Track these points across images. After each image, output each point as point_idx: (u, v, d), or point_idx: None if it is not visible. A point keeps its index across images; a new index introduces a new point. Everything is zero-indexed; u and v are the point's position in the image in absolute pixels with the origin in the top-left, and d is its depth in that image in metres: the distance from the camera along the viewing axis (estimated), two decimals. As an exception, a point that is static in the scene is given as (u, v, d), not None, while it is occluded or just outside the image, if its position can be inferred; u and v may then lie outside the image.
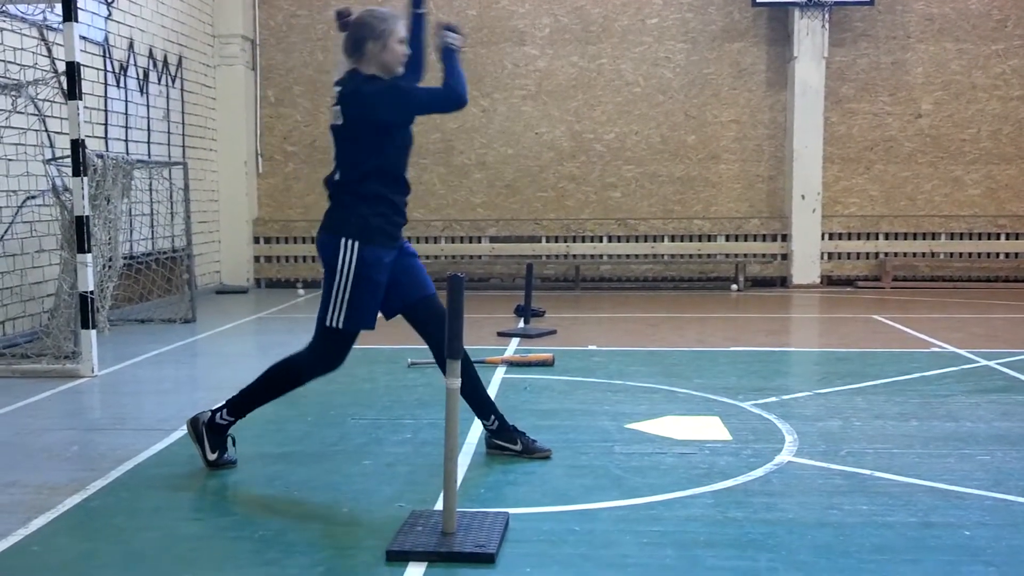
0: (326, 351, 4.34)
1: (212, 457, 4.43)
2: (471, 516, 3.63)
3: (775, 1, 12.27)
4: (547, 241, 13.04)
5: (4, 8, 7.59)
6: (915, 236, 12.78)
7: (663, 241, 12.96)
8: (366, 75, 4.28)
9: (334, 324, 4.24)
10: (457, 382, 3.47)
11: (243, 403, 4.45)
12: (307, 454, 4.73)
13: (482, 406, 4.58)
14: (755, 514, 3.83)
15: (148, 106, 10.81)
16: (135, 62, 10.49)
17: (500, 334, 8.42)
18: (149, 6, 10.82)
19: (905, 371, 6.72)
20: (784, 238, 12.82)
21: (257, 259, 13.16)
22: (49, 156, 8.16)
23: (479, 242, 13.05)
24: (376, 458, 4.64)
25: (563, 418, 5.43)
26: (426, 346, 4.50)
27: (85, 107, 7.70)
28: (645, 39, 12.80)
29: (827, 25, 12.27)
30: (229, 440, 4.50)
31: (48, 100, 7.92)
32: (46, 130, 8.24)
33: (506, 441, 4.62)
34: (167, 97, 11.31)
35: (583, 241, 13.02)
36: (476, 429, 5.10)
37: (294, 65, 13.02)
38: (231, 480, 4.38)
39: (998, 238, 12.72)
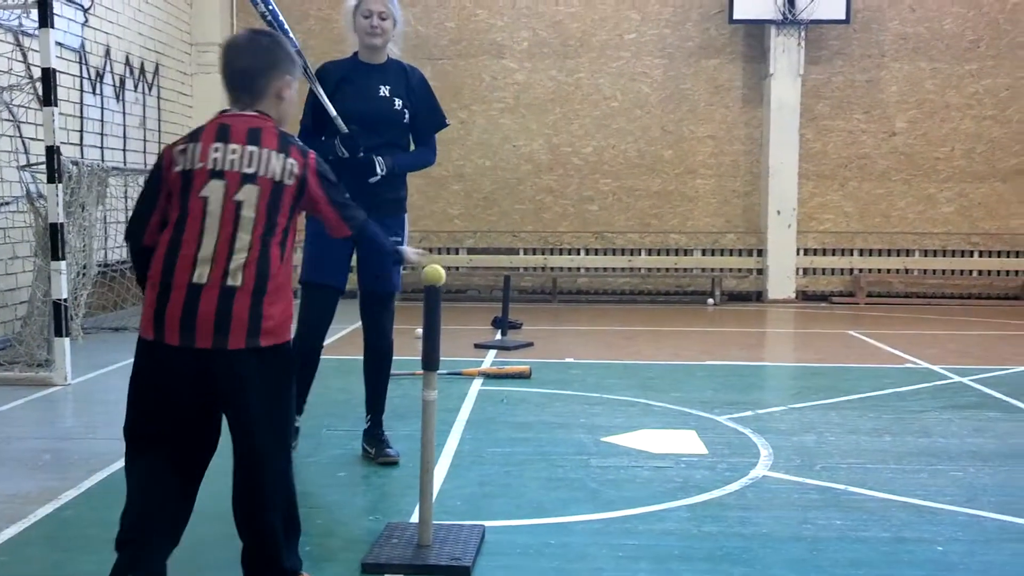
0: (300, 308, 4.45)
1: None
2: (447, 529, 3.62)
3: (752, 19, 12.36)
4: (524, 253, 13.05)
5: (-20, 13, 7.54)
6: (889, 253, 12.89)
7: (640, 255, 13.00)
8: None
9: (300, 278, 4.55)
10: (433, 394, 3.46)
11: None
12: (282, 465, 4.69)
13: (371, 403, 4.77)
14: (730, 528, 3.85)
15: (124, 113, 10.75)
16: (111, 69, 10.43)
17: (477, 346, 8.41)
18: (126, 13, 10.77)
19: (879, 386, 6.77)
20: (760, 253, 12.89)
21: (233, 268, 13.08)
22: (23, 162, 8.09)
23: (456, 253, 13.05)
24: (351, 470, 4.63)
25: (539, 430, 5.43)
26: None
27: (60, 114, 7.64)
28: (623, 54, 12.86)
29: (803, 43, 12.37)
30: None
31: (23, 106, 7.85)
32: (21, 136, 8.17)
33: (368, 445, 4.78)
34: (143, 104, 11.25)
35: (560, 254, 13.04)
36: (453, 441, 5.10)
37: (272, 74, 12.96)
38: (204, 491, 4.33)
39: (971, 255, 12.84)
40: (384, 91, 4.58)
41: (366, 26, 4.54)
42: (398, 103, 4.60)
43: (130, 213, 3.01)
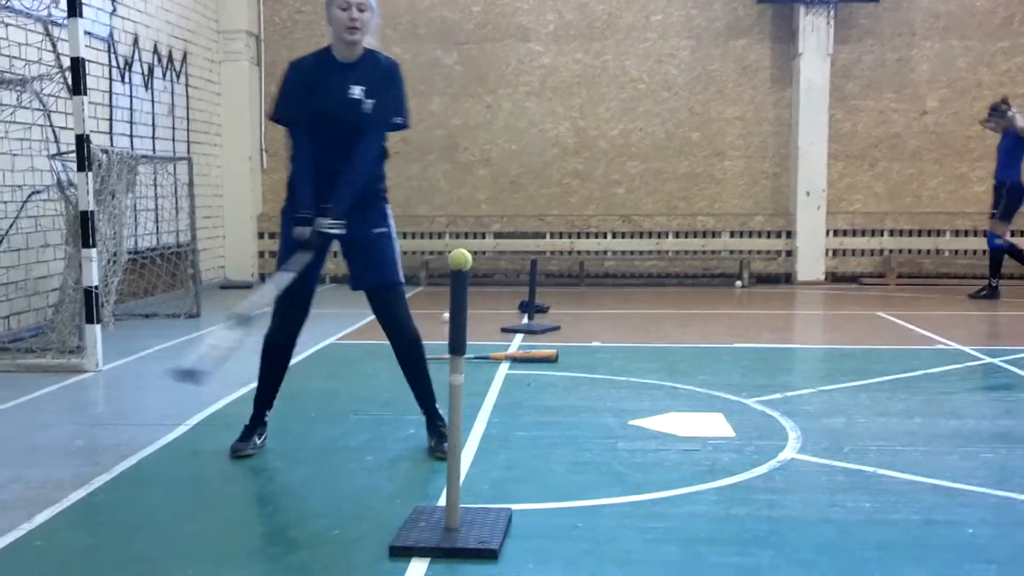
0: (275, 304, 4.49)
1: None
2: (474, 512, 3.63)
3: (780, -3, 12.25)
4: (551, 237, 13.04)
5: (9, 4, 7.60)
6: (920, 233, 12.76)
7: (667, 237, 12.95)
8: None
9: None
10: (460, 378, 3.47)
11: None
12: (309, 450, 4.73)
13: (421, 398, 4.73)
14: (758, 511, 3.83)
15: (153, 101, 10.82)
16: (140, 57, 10.49)
17: (504, 330, 8.42)
18: (154, 1, 10.82)
19: (909, 368, 6.71)
20: (789, 235, 12.80)
21: (261, 254, 13.16)
22: (54, 151, 8.16)
23: (483, 238, 13.05)
24: (379, 454, 4.65)
25: (566, 414, 5.43)
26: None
27: (90, 102, 7.71)
28: (649, 35, 12.78)
29: (832, 22, 12.24)
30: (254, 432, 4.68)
31: (53, 95, 7.91)
32: (51, 125, 8.23)
33: (428, 437, 4.71)
34: (172, 92, 11.32)
35: (587, 237, 13.01)
36: (480, 426, 5.11)
37: (299, 61, 13.00)
38: (233, 476, 4.39)
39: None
40: (356, 92, 4.35)
41: (344, 19, 4.27)
42: (368, 105, 4.36)
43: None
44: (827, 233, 12.70)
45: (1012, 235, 11.14)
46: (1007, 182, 10.66)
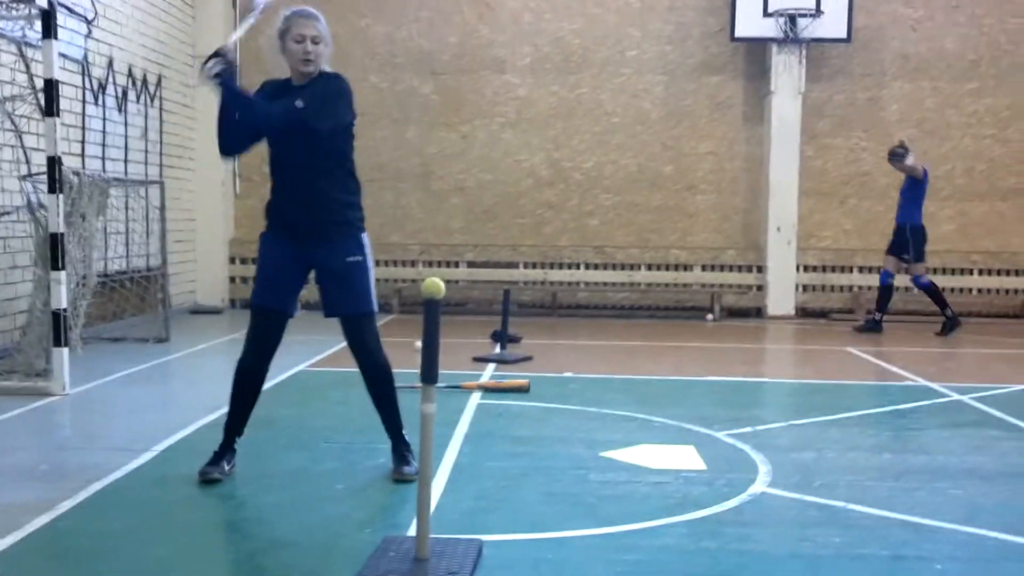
0: (248, 331, 4.61)
1: None
2: (444, 543, 3.61)
3: (753, 37, 12.40)
4: (524, 267, 13.06)
5: (-16, 23, 7.56)
6: (889, 270, 12.87)
7: (640, 270, 13.00)
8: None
9: (251, 302, 4.66)
10: (432, 407, 3.45)
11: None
12: (279, 477, 4.69)
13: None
14: (728, 544, 3.83)
15: (126, 124, 10.77)
16: (114, 80, 10.45)
17: (476, 359, 8.40)
18: (129, 25, 10.80)
19: (878, 404, 6.76)
20: (760, 269, 12.89)
21: (232, 279, 13.08)
22: (25, 172, 8.10)
23: (456, 267, 13.05)
24: (349, 482, 4.61)
25: (538, 445, 5.41)
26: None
27: (62, 124, 7.66)
28: (624, 71, 12.89)
29: (804, 61, 12.40)
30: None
31: (25, 116, 7.87)
32: (22, 146, 8.18)
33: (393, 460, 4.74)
34: (145, 116, 11.27)
35: (560, 268, 13.05)
36: (451, 455, 5.09)
37: (274, 87, 13.00)
38: (201, 503, 4.34)
39: (971, 274, 12.85)
40: (298, 103, 4.40)
41: (299, 52, 4.41)
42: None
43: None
44: (797, 268, 12.80)
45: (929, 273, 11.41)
46: (907, 224, 10.94)
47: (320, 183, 4.48)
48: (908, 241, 10.91)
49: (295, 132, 4.40)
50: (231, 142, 4.57)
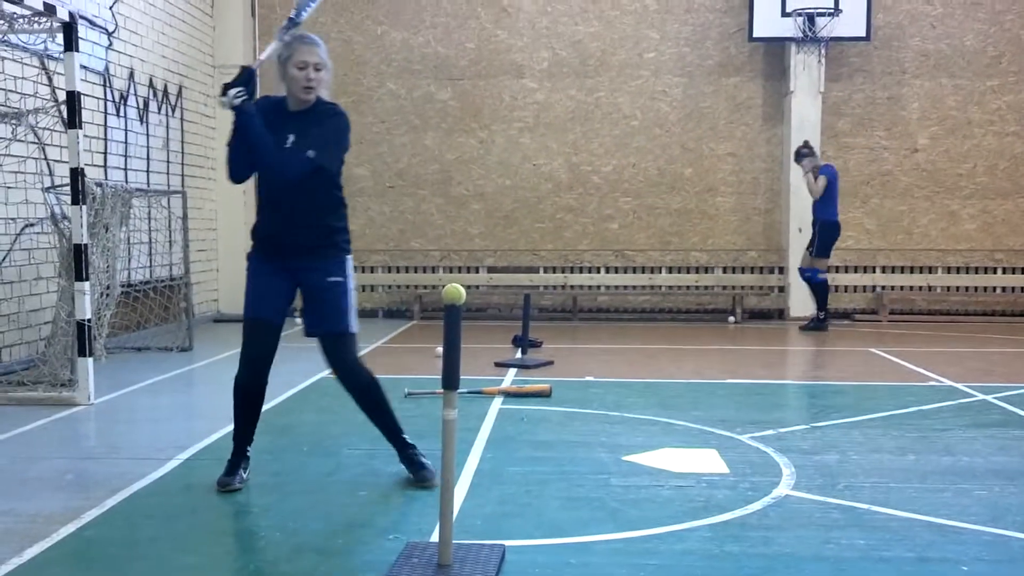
0: (243, 346, 4.65)
1: None
2: (467, 548, 3.62)
3: (772, 37, 12.36)
4: (545, 272, 13.07)
5: (5, 38, 7.64)
6: (912, 270, 12.82)
7: (660, 273, 12.98)
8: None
9: (243, 315, 4.67)
10: (454, 413, 3.47)
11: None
12: (302, 484, 4.71)
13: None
14: (752, 548, 3.82)
15: (148, 135, 10.85)
16: (135, 91, 10.54)
17: (497, 364, 8.41)
18: (150, 36, 10.89)
19: (902, 405, 6.72)
20: (781, 271, 12.85)
21: (254, 288, 13.12)
22: (48, 184, 8.18)
23: (477, 272, 13.08)
24: (371, 489, 4.63)
25: (560, 450, 5.41)
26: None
27: (85, 136, 7.73)
28: (642, 73, 12.88)
29: (823, 60, 12.35)
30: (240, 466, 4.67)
31: (48, 129, 7.95)
32: (45, 158, 8.27)
33: (407, 469, 4.74)
34: (167, 126, 11.36)
35: (580, 272, 13.05)
36: (473, 461, 5.09)
37: (294, 95, 13.06)
38: (225, 510, 4.36)
39: (995, 272, 12.76)
40: (289, 141, 4.38)
41: (301, 79, 4.38)
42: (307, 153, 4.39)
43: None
44: (819, 269, 12.73)
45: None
46: (819, 220, 11.30)
47: (308, 206, 4.49)
48: (815, 235, 11.28)
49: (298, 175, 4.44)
50: (243, 170, 4.54)
